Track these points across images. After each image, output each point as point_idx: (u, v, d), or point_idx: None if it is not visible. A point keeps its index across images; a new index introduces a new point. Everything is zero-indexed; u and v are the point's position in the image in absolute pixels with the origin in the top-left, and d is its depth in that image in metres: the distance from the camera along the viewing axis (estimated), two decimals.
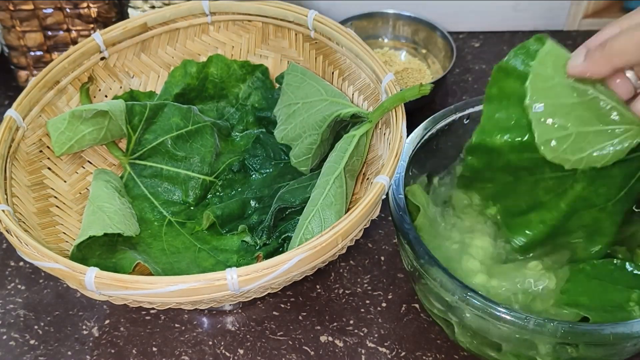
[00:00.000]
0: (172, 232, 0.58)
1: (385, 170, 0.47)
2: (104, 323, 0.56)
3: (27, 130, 0.56)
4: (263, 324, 0.55)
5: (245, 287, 0.42)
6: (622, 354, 0.46)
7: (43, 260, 0.43)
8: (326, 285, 0.58)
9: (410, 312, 0.56)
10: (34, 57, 0.71)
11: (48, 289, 0.58)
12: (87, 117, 0.56)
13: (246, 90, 0.65)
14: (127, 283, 0.42)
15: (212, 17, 0.64)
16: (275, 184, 0.59)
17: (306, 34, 0.62)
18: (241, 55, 0.66)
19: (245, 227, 0.56)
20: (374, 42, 0.80)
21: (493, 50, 0.82)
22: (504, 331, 0.44)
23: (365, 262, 0.60)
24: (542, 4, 0.81)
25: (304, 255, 0.43)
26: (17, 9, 0.67)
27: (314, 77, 0.59)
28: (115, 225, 0.52)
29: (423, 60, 0.78)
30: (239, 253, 0.56)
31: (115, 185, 0.57)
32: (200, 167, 0.60)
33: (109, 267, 0.49)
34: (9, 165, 0.52)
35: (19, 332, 0.55)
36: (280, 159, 0.61)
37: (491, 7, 0.81)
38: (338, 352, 0.53)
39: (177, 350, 0.54)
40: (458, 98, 0.75)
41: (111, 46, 0.61)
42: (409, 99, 0.51)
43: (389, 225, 0.63)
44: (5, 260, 0.60)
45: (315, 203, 0.51)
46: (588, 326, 0.43)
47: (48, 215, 0.54)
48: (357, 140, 0.53)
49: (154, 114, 0.60)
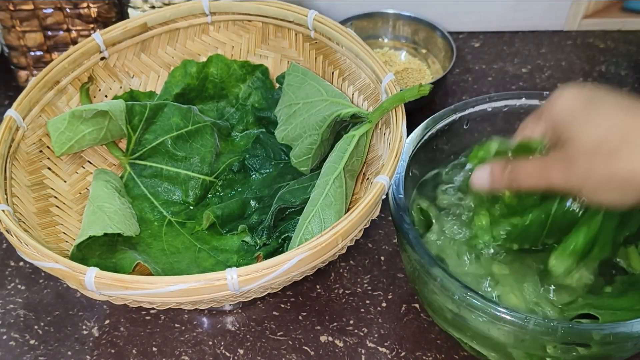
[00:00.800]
0: (172, 232, 0.58)
1: (385, 170, 0.47)
2: (104, 323, 0.56)
3: (27, 130, 0.55)
4: (263, 324, 0.55)
5: (245, 287, 0.42)
6: (622, 353, 0.46)
7: (43, 260, 0.43)
8: (326, 285, 0.58)
9: (410, 312, 0.56)
10: (34, 57, 0.71)
11: (48, 289, 0.58)
12: (87, 117, 0.56)
13: (246, 90, 0.65)
14: (127, 283, 0.41)
15: (212, 17, 0.64)
16: (275, 184, 0.59)
17: (306, 34, 0.62)
18: (241, 55, 0.66)
19: (245, 227, 0.56)
20: (374, 42, 0.80)
21: (493, 50, 0.82)
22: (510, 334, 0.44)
23: (365, 262, 0.60)
24: (542, 4, 0.81)
25: (304, 255, 0.43)
26: (17, 9, 0.67)
27: (314, 77, 0.59)
28: (115, 225, 0.52)
29: (423, 60, 0.78)
30: (239, 253, 0.56)
31: (115, 185, 0.57)
32: (200, 167, 0.60)
33: (109, 267, 0.49)
34: (9, 165, 0.52)
35: (19, 332, 0.55)
36: (280, 159, 0.61)
37: (491, 7, 0.81)
38: (338, 352, 0.53)
39: (177, 350, 0.54)
40: (458, 98, 0.75)
41: (111, 46, 0.61)
42: (408, 99, 0.51)
43: (389, 225, 0.63)
44: (5, 260, 0.60)
45: (315, 203, 0.51)
46: (588, 326, 0.43)
47: (48, 215, 0.54)
48: (357, 140, 0.53)
49: (154, 114, 0.60)
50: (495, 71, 0.78)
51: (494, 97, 0.57)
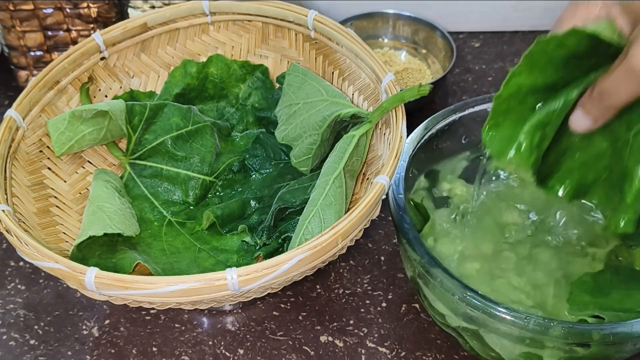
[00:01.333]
0: (172, 232, 0.58)
1: (385, 170, 0.47)
2: (104, 323, 0.56)
3: (27, 130, 0.56)
4: (263, 324, 0.55)
5: (245, 287, 0.42)
6: (622, 353, 0.46)
7: (43, 260, 0.43)
8: (326, 285, 0.58)
9: (410, 312, 0.56)
10: (34, 57, 0.71)
11: (48, 289, 0.58)
12: (87, 117, 0.56)
13: (246, 90, 0.65)
14: (127, 283, 0.42)
15: (212, 17, 0.64)
16: (275, 184, 0.59)
17: (306, 34, 0.62)
18: (241, 55, 0.66)
19: (245, 227, 0.56)
20: (374, 42, 0.80)
21: (493, 50, 0.82)
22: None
23: (365, 262, 0.60)
24: (542, 4, 0.81)
25: (304, 255, 0.43)
26: (17, 9, 0.67)
27: (315, 77, 0.59)
28: (115, 225, 0.52)
29: (423, 60, 0.78)
30: (239, 253, 0.56)
31: (115, 185, 0.57)
32: (200, 167, 0.60)
33: (109, 267, 0.49)
34: (9, 165, 0.52)
35: (19, 332, 0.55)
36: (280, 159, 0.61)
37: (491, 7, 0.81)
38: (338, 352, 0.53)
39: (177, 350, 0.54)
40: (458, 98, 0.75)
41: (111, 46, 0.61)
42: (408, 99, 0.51)
43: (389, 225, 0.63)
44: (5, 260, 0.60)
45: (314, 203, 0.51)
46: (588, 326, 0.43)
47: (48, 215, 0.54)
48: (357, 140, 0.53)
49: (154, 114, 0.60)
50: (495, 71, 0.78)
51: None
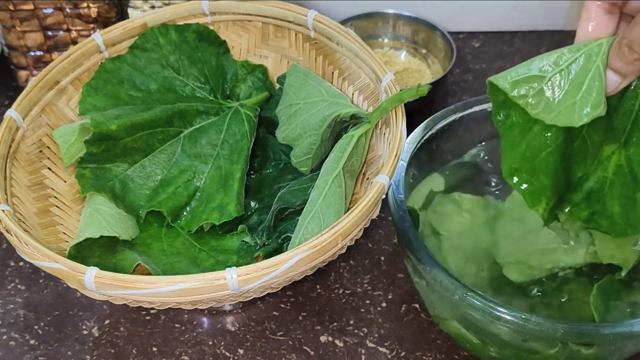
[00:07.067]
0: (172, 233, 0.58)
1: (385, 170, 0.47)
2: (104, 323, 0.56)
3: (27, 130, 0.56)
4: (263, 324, 0.55)
5: (245, 286, 0.42)
6: (623, 353, 0.46)
7: (43, 260, 0.43)
8: (326, 285, 0.58)
9: (410, 312, 0.56)
10: (34, 57, 0.71)
11: (48, 289, 0.58)
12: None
13: (246, 91, 0.65)
14: (127, 283, 0.42)
15: (212, 17, 0.64)
16: (275, 184, 0.59)
17: (306, 34, 0.62)
18: (241, 55, 0.66)
19: (245, 227, 0.56)
20: (374, 42, 0.80)
21: (493, 50, 0.82)
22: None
23: (365, 262, 0.60)
24: (542, 4, 0.81)
25: (303, 255, 0.43)
26: (17, 9, 0.67)
27: (315, 77, 0.59)
28: (111, 228, 0.52)
29: (423, 60, 0.78)
30: (239, 253, 0.55)
31: None
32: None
33: (109, 268, 0.49)
34: (9, 165, 0.52)
35: (19, 332, 0.55)
36: (280, 160, 0.61)
37: (491, 7, 0.81)
38: (338, 352, 0.53)
39: (177, 350, 0.54)
40: (458, 98, 0.75)
41: (111, 46, 0.61)
42: (407, 99, 0.51)
43: (389, 225, 0.63)
44: (5, 260, 0.60)
45: (314, 203, 0.51)
46: (588, 326, 0.43)
47: (48, 215, 0.54)
48: (356, 140, 0.53)
49: None
50: (495, 71, 0.78)
51: None
